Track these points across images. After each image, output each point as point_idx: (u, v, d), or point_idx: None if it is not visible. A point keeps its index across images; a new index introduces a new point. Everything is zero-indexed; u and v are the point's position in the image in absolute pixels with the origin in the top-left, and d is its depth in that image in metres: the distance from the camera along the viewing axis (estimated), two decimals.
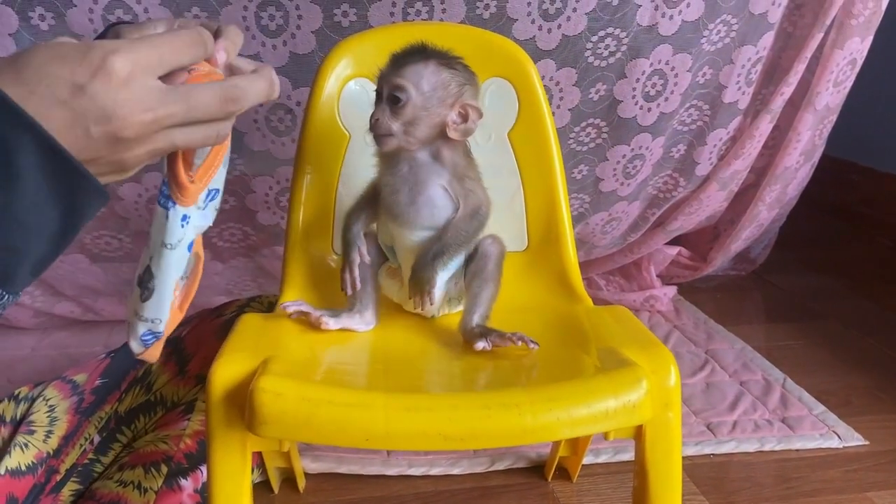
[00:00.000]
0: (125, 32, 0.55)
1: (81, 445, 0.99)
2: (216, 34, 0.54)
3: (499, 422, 0.66)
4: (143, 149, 0.47)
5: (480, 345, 0.79)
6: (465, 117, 0.82)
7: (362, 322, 0.88)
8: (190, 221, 0.56)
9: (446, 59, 0.83)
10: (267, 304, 1.13)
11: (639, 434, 0.74)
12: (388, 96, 0.81)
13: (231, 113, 0.51)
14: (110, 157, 0.46)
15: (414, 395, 0.69)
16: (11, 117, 0.42)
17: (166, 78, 0.48)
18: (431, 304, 0.85)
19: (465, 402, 0.68)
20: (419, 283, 0.84)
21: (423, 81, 0.81)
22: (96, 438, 1.01)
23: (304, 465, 1.11)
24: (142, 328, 0.58)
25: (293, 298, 0.90)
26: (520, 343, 0.78)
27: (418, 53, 0.82)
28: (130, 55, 0.45)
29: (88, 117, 0.44)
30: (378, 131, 0.81)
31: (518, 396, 0.67)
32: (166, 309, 0.58)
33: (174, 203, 0.55)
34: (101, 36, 0.56)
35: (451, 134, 0.83)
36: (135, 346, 0.58)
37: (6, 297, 0.46)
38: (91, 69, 0.44)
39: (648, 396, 0.69)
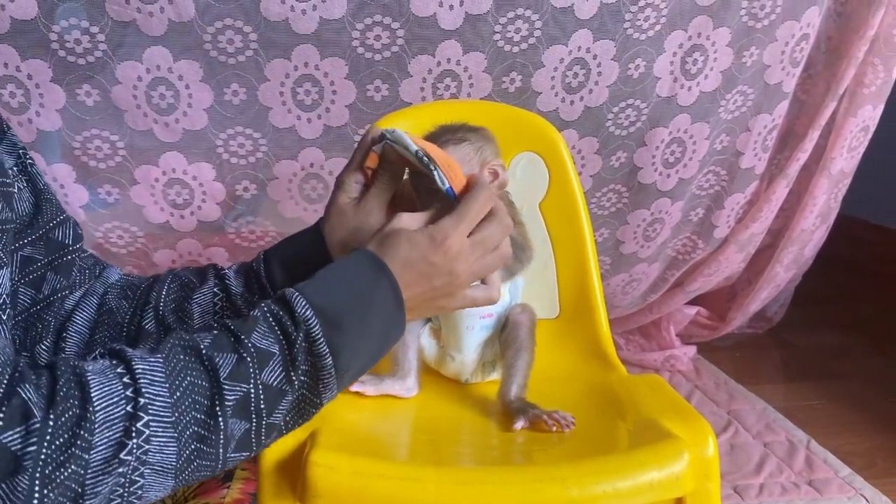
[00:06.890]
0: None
1: None
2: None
3: (546, 495, 0.68)
4: (465, 283, 0.70)
5: (519, 425, 0.81)
6: (495, 174, 0.86)
7: (404, 388, 0.90)
8: None
9: (455, 138, 0.85)
10: None
11: None
12: None
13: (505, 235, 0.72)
14: (444, 295, 0.69)
15: (464, 468, 0.71)
16: (381, 271, 0.65)
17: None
18: None
19: (514, 476, 0.70)
20: None
21: None
22: None
23: None
24: None
25: None
26: (554, 428, 0.80)
27: (433, 140, 0.84)
28: (458, 236, 0.67)
29: (434, 276, 0.67)
30: None
31: (564, 470, 0.69)
32: None
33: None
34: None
35: None
36: None
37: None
38: (437, 250, 0.66)
39: (690, 468, 0.71)
